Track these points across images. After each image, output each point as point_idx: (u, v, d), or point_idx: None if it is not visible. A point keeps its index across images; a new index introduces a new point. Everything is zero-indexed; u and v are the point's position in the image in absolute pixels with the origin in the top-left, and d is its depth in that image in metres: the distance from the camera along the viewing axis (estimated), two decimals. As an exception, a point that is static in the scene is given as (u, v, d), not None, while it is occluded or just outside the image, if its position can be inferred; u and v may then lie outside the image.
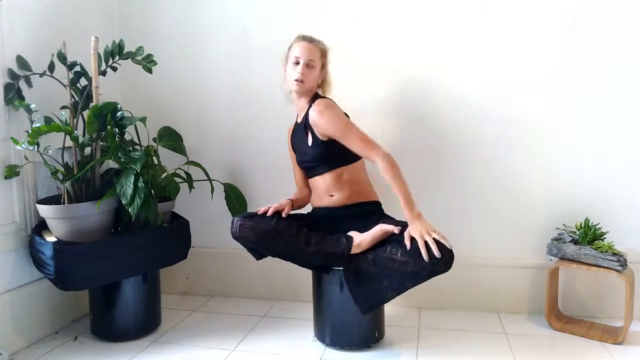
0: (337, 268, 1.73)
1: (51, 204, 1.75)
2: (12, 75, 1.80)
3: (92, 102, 1.83)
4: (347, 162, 1.77)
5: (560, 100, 2.02)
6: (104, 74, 1.91)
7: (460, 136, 2.10)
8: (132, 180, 1.73)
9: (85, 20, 2.18)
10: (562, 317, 2.01)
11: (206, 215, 2.35)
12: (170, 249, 1.97)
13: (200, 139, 2.35)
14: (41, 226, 1.84)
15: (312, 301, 1.86)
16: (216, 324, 2.06)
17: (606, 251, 1.80)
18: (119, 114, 1.77)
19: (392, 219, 1.77)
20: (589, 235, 1.87)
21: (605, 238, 1.88)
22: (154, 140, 2.10)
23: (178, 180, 2.08)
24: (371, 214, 1.81)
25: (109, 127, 1.74)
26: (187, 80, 2.35)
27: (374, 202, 1.84)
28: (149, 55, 1.94)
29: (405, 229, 1.64)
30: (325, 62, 1.83)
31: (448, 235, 1.61)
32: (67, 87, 1.89)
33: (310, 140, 1.79)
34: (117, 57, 1.91)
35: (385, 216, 1.82)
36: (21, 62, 1.82)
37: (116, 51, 1.91)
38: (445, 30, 2.07)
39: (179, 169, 2.12)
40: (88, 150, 1.86)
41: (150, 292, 1.96)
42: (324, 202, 1.82)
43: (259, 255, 1.80)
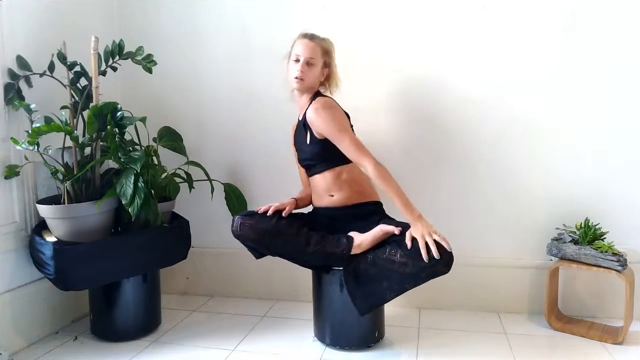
0: (337, 268, 1.73)
1: (51, 204, 1.75)
2: (12, 75, 1.80)
3: (92, 102, 1.83)
4: (346, 162, 1.76)
5: (560, 100, 2.02)
6: (104, 74, 1.91)
7: (460, 136, 2.11)
8: (132, 180, 1.73)
9: (85, 20, 2.18)
10: (562, 317, 2.01)
11: (206, 215, 2.35)
12: (170, 249, 1.97)
13: (200, 139, 2.35)
14: (41, 226, 1.84)
15: (312, 301, 1.86)
16: (216, 324, 2.06)
17: (606, 251, 1.81)
18: (119, 114, 1.77)
19: (393, 220, 1.77)
20: (589, 235, 1.87)
21: (605, 238, 1.88)
22: (154, 140, 2.10)
23: (178, 180, 2.08)
24: (372, 214, 1.81)
25: (109, 127, 1.74)
26: (187, 80, 2.35)
27: (375, 203, 1.84)
28: (149, 55, 1.94)
29: (406, 229, 1.64)
30: (329, 60, 1.82)
31: (448, 235, 1.61)
32: (67, 87, 1.89)
33: (308, 138, 1.79)
34: (117, 57, 1.91)
35: (386, 217, 1.82)
36: (21, 62, 1.82)
37: (116, 51, 1.91)
38: (445, 30, 2.07)
39: (179, 169, 2.12)
40: (88, 150, 1.86)
41: (150, 292, 1.96)
42: (325, 202, 1.82)
43: (259, 254, 1.80)
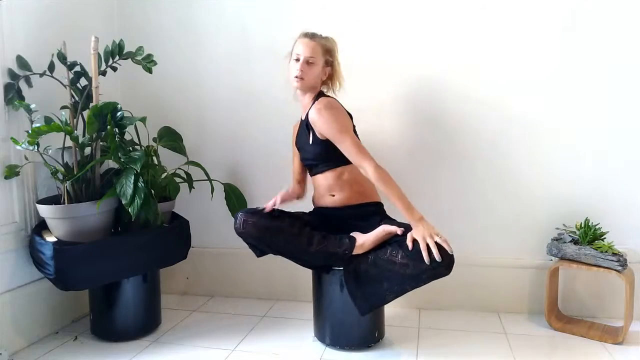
0: (337, 268, 1.73)
1: (51, 204, 1.75)
2: (12, 75, 1.80)
3: (92, 102, 1.83)
4: (348, 162, 1.76)
5: (560, 100, 2.02)
6: (104, 74, 1.91)
7: (460, 136, 2.10)
8: (132, 180, 1.73)
9: (85, 20, 2.18)
10: (562, 317, 2.01)
11: (206, 215, 2.35)
12: (170, 249, 1.97)
13: (200, 139, 2.35)
14: (41, 226, 1.84)
15: (312, 301, 1.86)
16: (216, 324, 2.06)
17: (606, 251, 1.80)
18: (119, 114, 1.77)
19: (394, 220, 1.77)
20: (589, 235, 1.87)
21: (605, 238, 1.88)
22: (154, 140, 2.10)
23: (178, 180, 2.08)
24: (373, 214, 1.81)
25: (109, 127, 1.74)
26: (187, 80, 2.35)
27: (376, 203, 1.84)
28: (149, 55, 1.94)
29: (408, 230, 1.64)
30: (331, 59, 1.81)
31: (448, 235, 1.61)
32: (67, 87, 1.89)
33: (310, 138, 1.79)
34: (117, 57, 1.91)
35: (387, 217, 1.82)
36: (21, 62, 1.82)
37: (116, 51, 1.91)
38: (445, 30, 2.07)
39: (179, 169, 2.12)
40: (88, 150, 1.86)
41: (150, 292, 1.96)
42: (326, 202, 1.82)
43: (260, 252, 1.79)
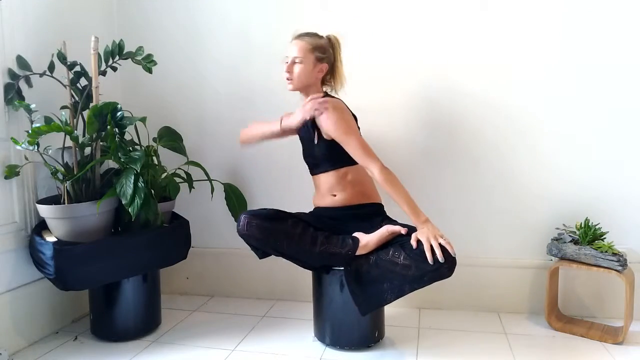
0: (337, 268, 1.73)
1: (51, 204, 1.75)
2: (12, 75, 1.80)
3: (92, 102, 1.83)
4: (352, 163, 1.76)
5: (560, 100, 2.01)
6: (104, 74, 1.91)
7: (461, 136, 2.10)
8: (132, 180, 1.73)
9: (85, 20, 2.18)
10: (562, 317, 2.01)
11: (206, 215, 2.35)
12: (170, 249, 1.96)
13: (200, 139, 2.35)
14: (41, 226, 1.84)
15: (312, 301, 1.86)
16: (216, 324, 2.06)
17: (606, 251, 1.80)
18: (119, 114, 1.76)
19: (396, 221, 1.77)
20: (589, 235, 1.87)
21: (605, 238, 1.88)
22: (154, 140, 2.10)
23: (178, 180, 2.07)
24: (374, 215, 1.81)
25: (109, 127, 1.74)
26: (187, 80, 2.35)
27: (377, 204, 1.84)
28: (149, 55, 1.93)
29: (412, 230, 1.64)
30: (322, 55, 1.77)
31: (448, 235, 1.61)
32: (67, 87, 1.89)
33: (316, 138, 1.79)
34: (117, 57, 1.91)
35: (389, 218, 1.82)
36: (21, 62, 1.82)
37: (116, 51, 1.91)
38: (446, 29, 2.07)
39: (179, 169, 2.12)
40: (88, 150, 1.86)
41: (150, 292, 1.96)
42: (326, 202, 1.82)
43: (263, 253, 1.78)
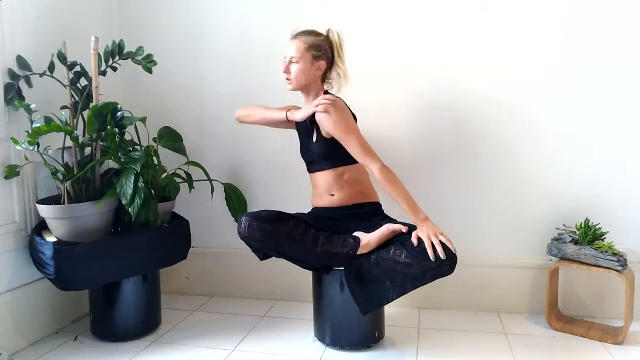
0: (337, 268, 1.73)
1: (51, 204, 1.75)
2: (12, 75, 1.80)
3: (92, 102, 1.83)
4: (350, 162, 1.76)
5: (560, 100, 2.01)
6: (104, 74, 1.91)
7: (460, 136, 2.10)
8: (132, 180, 1.73)
9: (85, 20, 2.18)
10: (562, 317, 2.01)
11: (206, 215, 2.34)
12: (170, 249, 1.96)
13: (200, 139, 2.34)
14: (41, 226, 1.84)
15: (312, 301, 1.86)
16: (216, 324, 2.06)
17: (606, 251, 1.80)
18: (119, 114, 1.76)
19: (395, 220, 1.77)
20: (589, 235, 1.87)
21: (605, 238, 1.88)
22: (154, 140, 2.10)
23: (178, 180, 2.07)
24: (373, 214, 1.81)
25: (109, 127, 1.74)
26: (188, 80, 2.35)
27: (375, 203, 1.84)
28: (149, 55, 1.93)
29: (412, 229, 1.65)
30: (318, 53, 1.75)
31: (449, 235, 1.61)
32: (67, 87, 1.89)
33: (315, 136, 1.79)
34: (117, 57, 1.91)
35: (388, 217, 1.82)
36: (21, 62, 1.82)
37: (116, 51, 1.91)
38: (447, 28, 2.07)
39: (179, 169, 2.12)
40: (88, 150, 1.86)
41: (150, 292, 1.96)
42: (324, 202, 1.82)
43: (263, 255, 1.77)
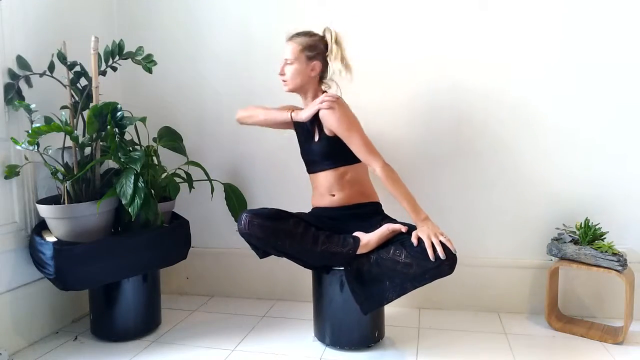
0: (337, 268, 1.73)
1: (51, 204, 1.75)
2: (12, 75, 1.80)
3: (92, 102, 1.83)
4: (351, 162, 1.76)
5: (560, 101, 2.01)
6: (104, 74, 1.91)
7: (460, 136, 2.10)
8: (132, 180, 1.73)
9: (85, 20, 2.18)
10: (562, 317, 2.01)
11: (206, 215, 2.35)
12: (170, 249, 1.96)
13: (200, 139, 2.34)
14: (41, 226, 1.84)
15: (312, 301, 1.86)
16: (216, 324, 2.06)
17: (606, 251, 1.80)
18: (119, 114, 1.76)
19: (395, 220, 1.77)
20: (589, 235, 1.87)
21: (605, 238, 1.88)
22: (154, 140, 2.10)
23: (178, 180, 2.07)
24: (373, 214, 1.81)
25: (109, 127, 1.74)
26: (188, 80, 2.35)
27: (375, 203, 1.84)
28: (149, 55, 1.93)
29: (412, 229, 1.65)
30: (312, 54, 1.74)
31: (449, 235, 1.61)
32: (67, 87, 1.89)
33: (317, 136, 1.79)
34: (117, 57, 1.91)
35: (388, 217, 1.82)
36: (21, 62, 1.82)
37: (116, 51, 1.91)
38: (447, 27, 2.07)
39: (179, 169, 2.12)
40: (88, 150, 1.86)
41: (150, 292, 1.96)
42: (325, 202, 1.82)
43: (263, 253, 1.77)
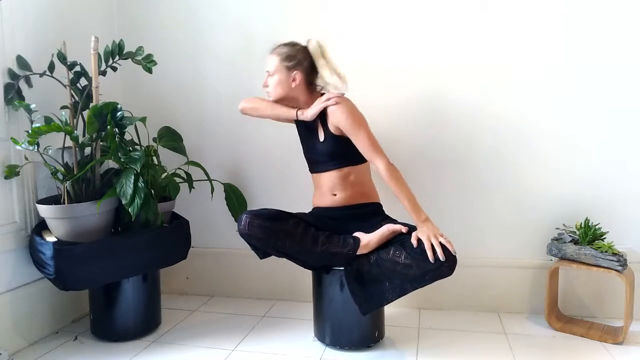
0: (337, 268, 1.73)
1: (51, 204, 1.75)
2: (12, 75, 1.80)
3: (92, 102, 1.83)
4: (355, 162, 1.76)
5: (560, 101, 2.01)
6: (104, 74, 1.91)
7: (460, 136, 2.10)
8: (132, 180, 1.73)
9: (85, 20, 2.18)
10: (562, 317, 2.01)
11: (206, 215, 2.34)
12: (170, 249, 1.96)
13: (200, 139, 2.35)
14: (41, 226, 1.84)
15: (312, 301, 1.86)
16: (216, 324, 2.06)
17: (606, 251, 1.81)
18: (119, 114, 1.76)
19: (395, 220, 1.77)
20: (589, 235, 1.87)
21: (605, 238, 1.88)
22: (154, 140, 2.10)
23: (178, 180, 2.07)
24: (374, 214, 1.81)
25: (109, 127, 1.74)
26: (188, 80, 2.35)
27: (376, 204, 1.84)
28: (149, 55, 1.93)
29: (412, 229, 1.65)
30: (290, 64, 1.75)
31: (448, 235, 1.61)
32: (67, 87, 1.89)
33: (322, 135, 1.79)
34: (117, 57, 1.91)
35: (388, 217, 1.82)
36: (21, 62, 1.82)
37: (116, 51, 1.91)
38: (447, 29, 2.07)
39: (179, 169, 2.12)
40: (88, 150, 1.86)
41: (150, 292, 1.96)
42: (326, 202, 1.82)
43: (263, 253, 1.77)
